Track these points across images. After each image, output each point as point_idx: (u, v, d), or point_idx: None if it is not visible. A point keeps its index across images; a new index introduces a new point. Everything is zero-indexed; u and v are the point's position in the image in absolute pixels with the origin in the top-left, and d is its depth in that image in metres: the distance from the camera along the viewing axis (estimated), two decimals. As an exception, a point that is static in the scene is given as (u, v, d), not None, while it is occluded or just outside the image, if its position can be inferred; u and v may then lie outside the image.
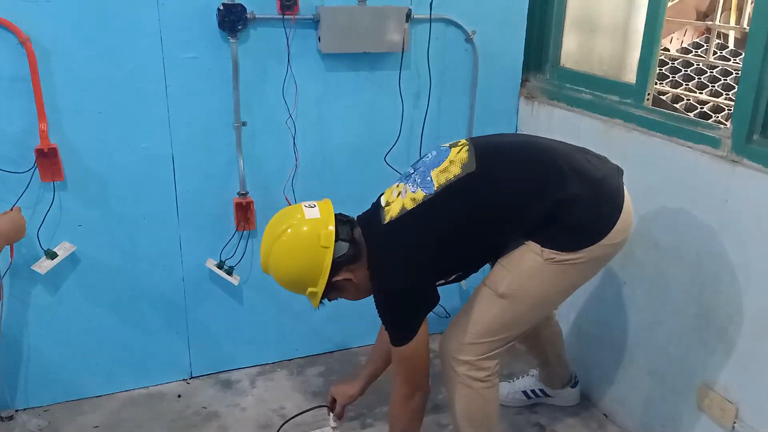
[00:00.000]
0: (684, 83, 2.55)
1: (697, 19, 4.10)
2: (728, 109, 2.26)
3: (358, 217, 1.82)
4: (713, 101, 2.33)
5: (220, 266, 2.39)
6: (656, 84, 2.16)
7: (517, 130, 2.64)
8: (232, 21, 2.14)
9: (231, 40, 2.17)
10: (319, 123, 2.39)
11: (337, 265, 1.68)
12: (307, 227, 1.69)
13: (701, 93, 2.46)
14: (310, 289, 1.71)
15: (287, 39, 2.23)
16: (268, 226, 1.77)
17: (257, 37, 2.21)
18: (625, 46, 2.24)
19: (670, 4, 3.91)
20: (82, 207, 2.20)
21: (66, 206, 2.18)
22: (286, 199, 2.42)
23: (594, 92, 2.29)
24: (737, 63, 2.58)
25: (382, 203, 1.76)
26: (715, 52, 2.66)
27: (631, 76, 2.18)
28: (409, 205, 1.67)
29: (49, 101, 2.04)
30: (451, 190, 1.64)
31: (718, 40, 2.85)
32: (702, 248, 1.87)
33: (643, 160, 2.04)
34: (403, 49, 2.31)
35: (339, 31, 2.23)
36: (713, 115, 2.30)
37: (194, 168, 2.29)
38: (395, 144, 2.40)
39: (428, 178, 1.68)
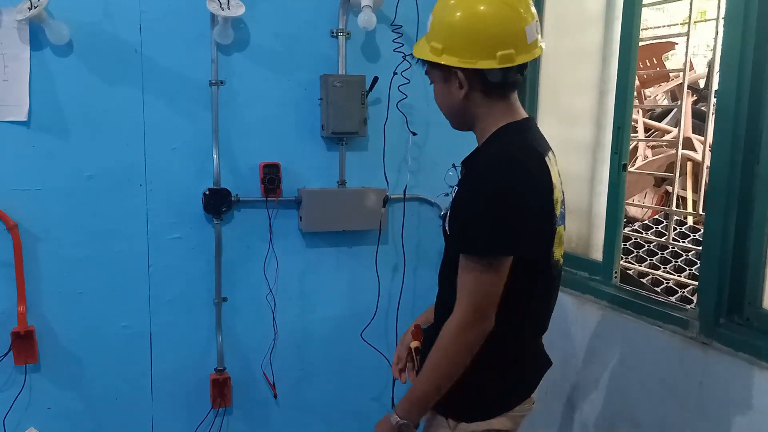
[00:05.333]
0: (648, 258, 2.67)
1: (654, 183, 4.39)
2: (693, 286, 2.36)
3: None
4: (677, 279, 2.43)
5: (193, 450, 2.31)
6: (622, 259, 2.26)
7: (492, 301, 2.70)
8: (217, 204, 2.24)
9: (215, 222, 2.25)
10: (298, 298, 2.42)
11: (475, 72, 1.41)
12: (515, 34, 1.40)
13: (665, 268, 2.58)
14: (436, 45, 1.42)
15: (270, 219, 2.32)
16: None
17: (241, 218, 2.31)
18: (590, 227, 2.36)
19: (631, 168, 4.20)
20: (54, 389, 2.16)
21: (37, 388, 2.14)
22: (264, 374, 2.40)
23: (565, 267, 2.37)
24: (698, 238, 2.73)
25: (549, 155, 1.49)
26: (675, 228, 2.82)
27: (598, 254, 2.29)
28: (555, 196, 1.45)
29: (31, 283, 2.07)
30: (550, 241, 1.48)
31: (677, 217, 3.03)
32: (685, 429, 1.87)
33: (618, 337, 2.09)
34: (380, 227, 2.41)
35: (319, 211, 2.34)
36: (679, 290, 2.40)
37: (172, 345, 2.29)
38: (372, 320, 2.43)
39: (560, 221, 1.52)
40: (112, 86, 2.09)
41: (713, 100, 2.47)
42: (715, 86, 1.94)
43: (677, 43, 4.92)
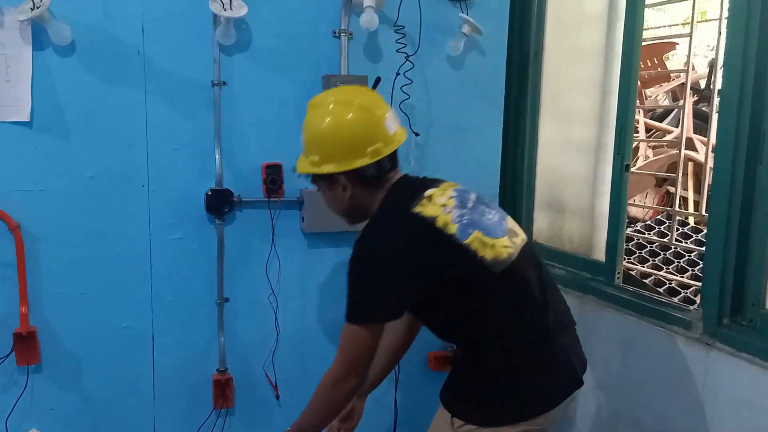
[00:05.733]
0: (651, 259, 2.67)
1: (655, 184, 4.39)
2: (696, 287, 2.36)
3: (408, 175, 1.74)
4: (679, 280, 2.43)
5: (194, 451, 2.30)
6: (624, 259, 2.26)
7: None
8: (219, 205, 2.23)
9: (217, 222, 2.25)
10: (301, 298, 2.42)
11: (353, 173, 1.63)
12: (378, 130, 1.63)
13: (668, 269, 2.58)
14: (314, 158, 1.64)
15: (272, 220, 2.32)
16: (365, 92, 1.73)
17: (243, 218, 2.30)
18: (593, 227, 2.37)
19: (632, 168, 4.21)
20: (56, 390, 2.15)
21: (39, 389, 2.13)
22: (266, 375, 2.39)
23: (567, 268, 2.39)
24: (700, 238, 2.73)
25: (426, 193, 1.62)
26: (678, 229, 2.83)
27: (600, 255, 2.29)
28: (439, 224, 1.55)
29: (33, 284, 2.07)
30: (468, 256, 1.54)
31: (679, 217, 3.03)
32: (687, 430, 1.87)
33: (620, 338, 2.09)
34: (382, 227, 2.41)
35: (322, 212, 2.30)
36: (682, 291, 2.40)
37: (174, 346, 2.28)
38: (376, 320, 2.43)
39: (469, 230, 1.56)
40: (115, 87, 2.09)
41: (716, 100, 2.47)
42: (717, 86, 1.94)
43: (678, 44, 4.92)
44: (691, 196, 4.05)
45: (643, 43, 2.16)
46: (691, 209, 3.75)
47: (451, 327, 1.67)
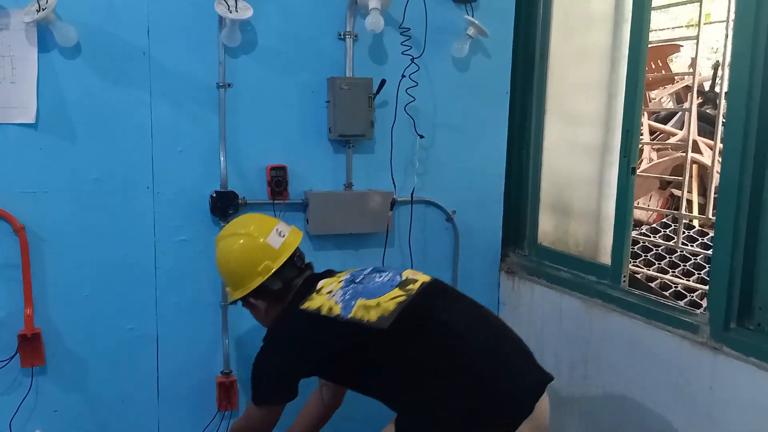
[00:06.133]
0: (656, 262, 2.66)
1: (659, 187, 4.38)
2: (702, 290, 2.35)
3: (312, 273, 1.93)
4: (686, 283, 2.42)
5: (199, 453, 2.30)
6: (630, 262, 2.25)
7: (499, 304, 2.69)
8: (224, 206, 2.23)
9: (222, 224, 2.24)
10: (305, 301, 2.41)
11: (259, 291, 1.85)
12: (260, 250, 1.85)
13: (674, 272, 2.57)
14: (228, 289, 1.94)
15: (276, 222, 2.31)
16: (246, 219, 2.00)
17: (247, 220, 2.29)
18: (598, 230, 2.36)
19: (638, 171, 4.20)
20: (60, 391, 2.15)
21: (43, 391, 2.13)
22: (270, 377, 2.39)
23: (572, 271, 2.38)
24: (706, 242, 2.73)
25: (318, 286, 1.81)
26: (684, 232, 2.82)
27: (606, 258, 2.28)
28: (324, 311, 1.71)
29: (37, 285, 2.07)
30: (353, 327, 1.66)
31: (684, 220, 3.03)
32: (692, 434, 1.86)
33: (626, 341, 2.08)
34: (387, 229, 2.41)
35: (326, 214, 2.33)
36: (688, 294, 2.39)
37: (179, 348, 2.28)
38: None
39: (351, 303, 1.69)
40: (120, 88, 2.09)
41: (723, 103, 2.46)
42: (723, 89, 1.93)
43: (682, 46, 4.92)
44: (695, 198, 4.04)
45: (649, 45, 2.15)
46: (695, 212, 3.74)
47: (370, 388, 1.78)
